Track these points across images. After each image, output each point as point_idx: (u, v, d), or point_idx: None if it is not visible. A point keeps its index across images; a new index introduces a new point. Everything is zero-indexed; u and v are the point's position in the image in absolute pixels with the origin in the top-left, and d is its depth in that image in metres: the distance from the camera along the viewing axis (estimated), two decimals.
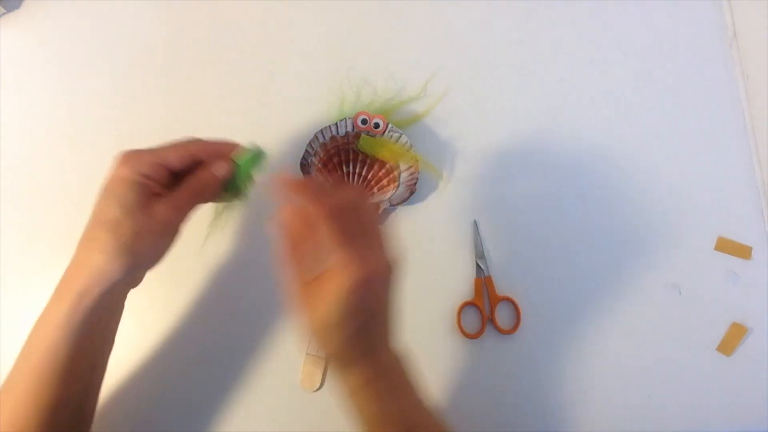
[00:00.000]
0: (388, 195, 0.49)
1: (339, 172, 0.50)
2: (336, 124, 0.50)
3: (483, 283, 0.50)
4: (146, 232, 0.37)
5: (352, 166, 0.50)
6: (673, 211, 0.53)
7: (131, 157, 0.38)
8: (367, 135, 0.50)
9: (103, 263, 0.36)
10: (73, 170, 0.52)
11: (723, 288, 0.51)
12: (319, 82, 0.54)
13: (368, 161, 0.50)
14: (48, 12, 0.55)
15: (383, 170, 0.50)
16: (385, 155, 0.49)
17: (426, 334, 0.49)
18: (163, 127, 0.53)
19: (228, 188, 0.42)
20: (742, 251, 0.52)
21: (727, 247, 0.52)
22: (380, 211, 0.50)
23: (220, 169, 0.40)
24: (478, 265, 0.50)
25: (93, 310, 0.37)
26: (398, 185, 0.49)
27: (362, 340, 0.36)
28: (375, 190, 0.50)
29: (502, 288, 0.50)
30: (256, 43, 0.55)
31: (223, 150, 0.41)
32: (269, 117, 0.53)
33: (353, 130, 0.50)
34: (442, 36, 0.56)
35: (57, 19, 0.55)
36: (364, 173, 0.50)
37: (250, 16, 0.56)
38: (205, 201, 0.42)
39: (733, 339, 0.50)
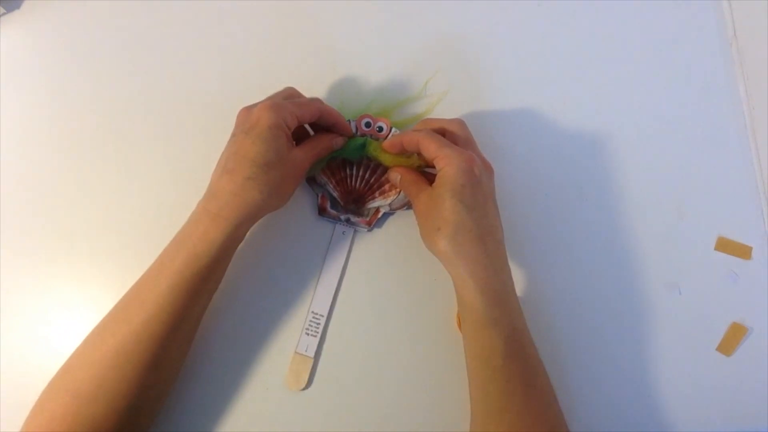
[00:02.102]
0: (389, 200, 0.49)
1: (342, 173, 0.50)
2: None
3: None
4: (290, 177, 0.43)
5: (355, 169, 0.50)
6: (673, 211, 0.53)
7: (278, 107, 0.42)
8: (371, 139, 0.49)
9: (260, 201, 0.40)
10: (73, 170, 0.52)
11: (723, 288, 0.51)
12: (319, 83, 0.54)
13: (371, 165, 0.50)
14: (48, 12, 0.55)
15: (386, 175, 0.50)
16: (387, 160, 0.48)
17: (427, 336, 0.49)
18: (163, 126, 0.53)
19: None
20: (742, 251, 0.52)
21: (727, 247, 0.52)
22: (379, 215, 0.50)
23: (338, 143, 0.47)
24: None
25: (238, 239, 0.42)
26: (400, 190, 0.49)
27: (478, 227, 0.41)
28: (377, 194, 0.49)
29: None
30: (255, 43, 0.55)
31: (340, 123, 0.47)
32: None
33: (356, 132, 0.49)
34: (442, 36, 0.56)
35: (57, 19, 0.55)
36: (367, 176, 0.50)
37: (249, 16, 0.56)
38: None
39: (733, 339, 0.50)
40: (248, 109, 0.43)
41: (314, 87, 0.53)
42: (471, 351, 0.43)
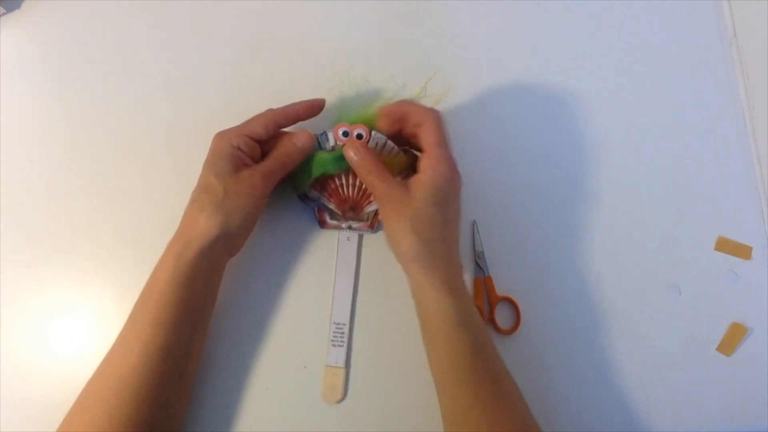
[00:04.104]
0: None
1: (333, 184, 0.49)
2: (317, 139, 0.47)
3: (483, 283, 0.50)
4: (234, 193, 0.42)
5: (344, 178, 0.49)
6: (672, 211, 0.53)
7: (222, 133, 0.45)
8: None
9: (202, 219, 0.41)
10: (72, 170, 0.52)
11: (723, 288, 0.51)
12: (319, 82, 0.54)
13: None
14: (48, 12, 0.55)
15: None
16: None
17: None
18: (162, 127, 0.53)
19: (300, 172, 0.47)
20: (742, 251, 0.52)
21: (727, 247, 0.52)
22: (380, 217, 0.49)
23: (300, 138, 0.46)
24: (477, 265, 0.50)
25: (194, 262, 0.41)
26: None
27: (446, 234, 0.43)
28: (372, 198, 0.49)
29: (501, 288, 0.50)
30: (255, 43, 0.55)
31: (302, 109, 0.46)
32: None
33: (336, 143, 0.47)
34: (442, 36, 0.56)
35: (57, 19, 0.55)
36: (358, 183, 0.49)
37: (249, 16, 0.56)
38: (289, 170, 0.46)
39: (733, 339, 0.50)
40: None
41: (313, 88, 0.53)
42: (437, 357, 0.43)
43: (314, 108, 0.47)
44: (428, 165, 0.43)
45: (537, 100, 0.55)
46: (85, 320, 0.48)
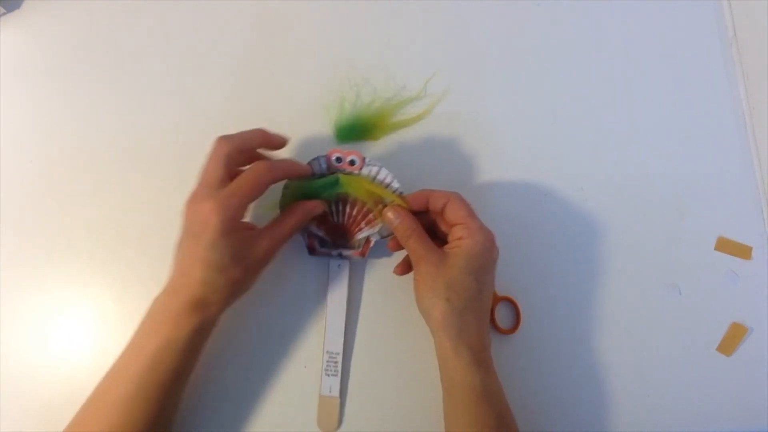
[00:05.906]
0: (377, 228, 0.47)
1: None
2: (309, 164, 0.46)
3: None
4: (251, 271, 0.42)
5: (334, 205, 0.47)
6: (673, 211, 0.53)
7: (225, 206, 0.39)
8: (345, 174, 0.47)
9: (212, 304, 0.40)
10: (72, 170, 0.52)
11: (723, 288, 0.51)
12: (319, 83, 0.54)
13: (350, 198, 0.47)
14: (48, 12, 0.55)
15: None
16: (363, 196, 0.46)
17: (427, 337, 0.49)
18: (162, 126, 0.53)
19: (289, 199, 0.45)
20: (742, 251, 0.52)
21: (727, 247, 0.52)
22: (371, 245, 0.48)
23: (317, 209, 0.45)
24: None
25: (199, 332, 0.41)
26: None
27: (479, 304, 0.42)
28: (363, 224, 0.47)
29: (502, 288, 0.50)
30: (255, 43, 0.55)
31: (274, 140, 0.45)
32: (269, 117, 0.53)
33: (328, 169, 0.46)
34: (442, 36, 0.56)
35: (57, 19, 0.55)
36: (348, 210, 0.47)
37: (249, 16, 0.56)
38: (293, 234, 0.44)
39: (733, 339, 0.50)
40: (194, 206, 0.40)
41: (313, 88, 0.53)
42: (458, 427, 0.42)
43: (284, 144, 0.46)
44: (466, 233, 0.42)
45: (536, 99, 0.55)
46: (85, 320, 0.48)
